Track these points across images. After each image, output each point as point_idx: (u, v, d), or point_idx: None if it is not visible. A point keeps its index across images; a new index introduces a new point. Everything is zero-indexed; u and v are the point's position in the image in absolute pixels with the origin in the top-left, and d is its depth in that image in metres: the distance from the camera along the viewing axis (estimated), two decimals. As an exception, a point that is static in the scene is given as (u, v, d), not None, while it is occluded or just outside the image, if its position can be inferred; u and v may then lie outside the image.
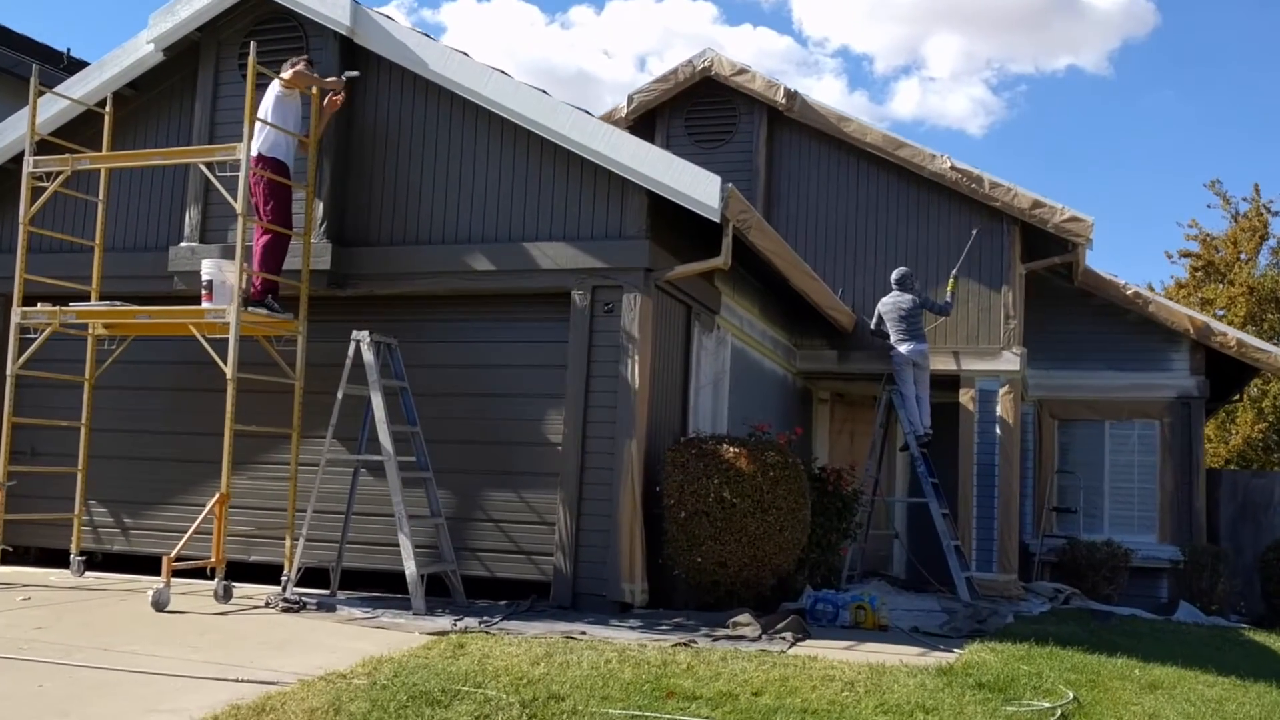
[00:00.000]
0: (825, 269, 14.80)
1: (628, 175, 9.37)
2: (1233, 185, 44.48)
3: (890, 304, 13.99)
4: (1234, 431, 27.70)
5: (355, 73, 9.92)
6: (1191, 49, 56.05)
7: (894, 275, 14.11)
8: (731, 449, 9.34)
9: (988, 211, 14.54)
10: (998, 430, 14.35)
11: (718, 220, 9.21)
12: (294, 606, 8.71)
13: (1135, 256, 53.41)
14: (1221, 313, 27.63)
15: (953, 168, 14.41)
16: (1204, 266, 30.32)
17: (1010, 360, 14.46)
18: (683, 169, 9.18)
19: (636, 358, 9.27)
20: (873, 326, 14.14)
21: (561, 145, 9.62)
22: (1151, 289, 28.05)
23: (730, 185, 9.18)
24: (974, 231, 14.11)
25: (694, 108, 15.56)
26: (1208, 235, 30.52)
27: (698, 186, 9.13)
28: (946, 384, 14.62)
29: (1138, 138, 57.50)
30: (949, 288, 13.60)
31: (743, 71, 15.21)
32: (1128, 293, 16.24)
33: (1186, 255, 30.79)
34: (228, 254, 9.86)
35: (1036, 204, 14.25)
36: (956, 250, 14.58)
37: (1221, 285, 29.18)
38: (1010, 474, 14.32)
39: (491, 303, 9.94)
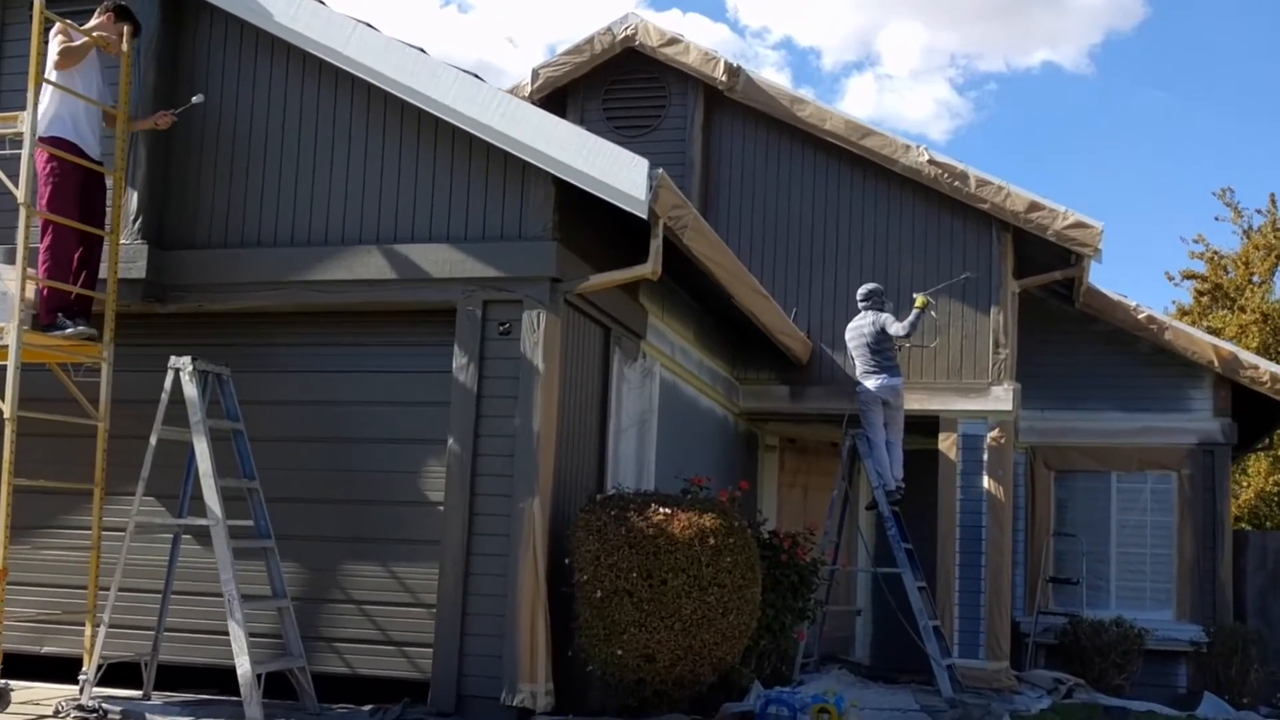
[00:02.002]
0: (776, 285, 14.73)
1: (529, 158, 9.03)
2: (1245, 195, 44.83)
3: (854, 329, 13.92)
4: (1245, 484, 27.87)
5: (200, 97, 9.66)
6: (1186, 44, 57.03)
7: (860, 293, 13.98)
8: (661, 510, 9.11)
9: (973, 215, 14.52)
10: (986, 484, 14.31)
11: (644, 216, 8.86)
12: (92, 716, 8.39)
13: (1129, 280, 53.98)
14: (1230, 344, 27.54)
15: (931, 161, 14.40)
16: (1211, 290, 30.59)
17: (1001, 398, 14.39)
18: (599, 149, 8.83)
19: (540, 393, 9.02)
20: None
21: (445, 119, 9.28)
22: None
23: (661, 171, 8.84)
24: (965, 275, 14.23)
25: (614, 86, 15.56)
26: (1216, 253, 30.89)
27: (619, 172, 8.78)
28: (923, 427, 14.56)
29: (1125, 144, 58.12)
30: (916, 305, 13.41)
31: (674, 42, 15.19)
32: (1139, 316, 16.27)
33: (1191, 276, 31.06)
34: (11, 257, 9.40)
35: (1033, 206, 14.23)
36: (935, 262, 14.63)
37: (1230, 312, 29.42)
38: (1001, 538, 14.31)
39: (354, 322, 9.71)
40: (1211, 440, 16.57)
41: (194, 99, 9.63)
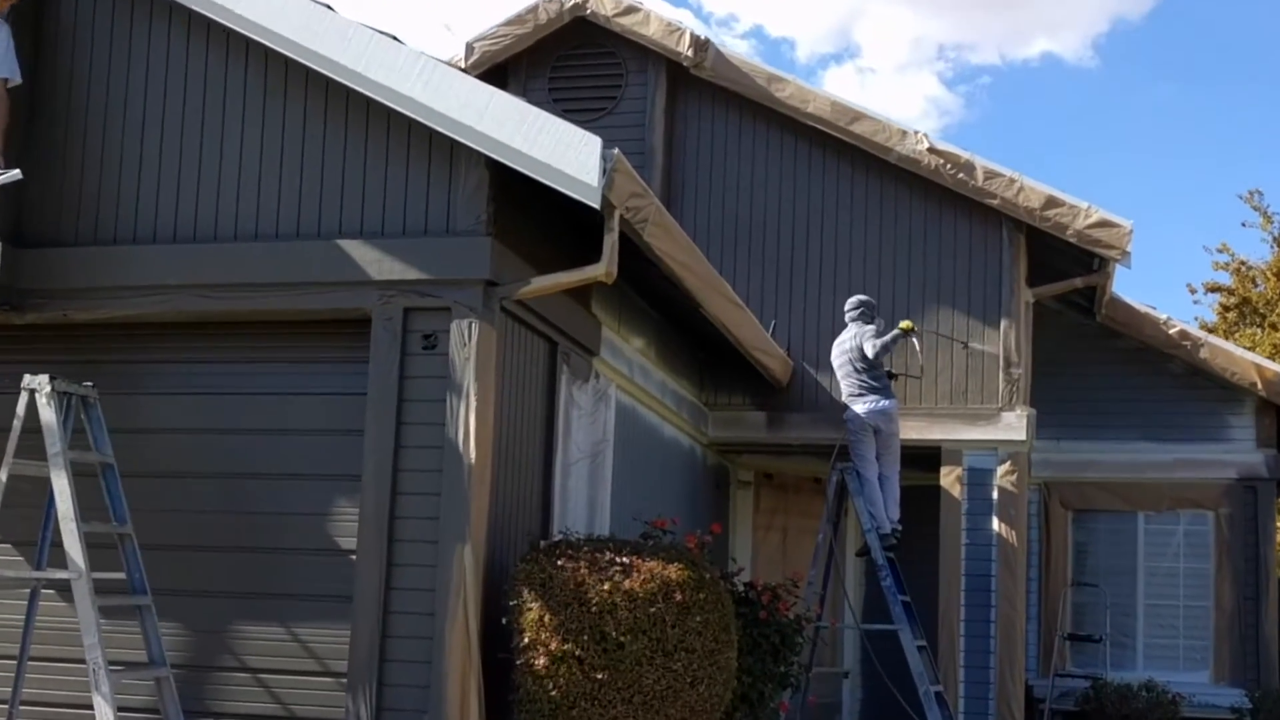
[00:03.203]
0: (751, 295, 14.70)
1: (458, 135, 8.84)
2: (1275, 198, 45.51)
3: (839, 344, 14.02)
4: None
5: (15, 174, 9.32)
6: (1202, 32, 57.29)
7: (848, 305, 14.00)
8: (618, 559, 8.99)
9: (980, 212, 14.54)
10: (995, 525, 14.26)
11: (596, 206, 8.62)
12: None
13: (1143, 295, 53.78)
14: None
15: (931, 150, 14.41)
16: (1238, 305, 31.10)
17: (1013, 425, 14.33)
18: (542, 126, 8.59)
19: (473, 419, 8.83)
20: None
21: (358, 90, 9.14)
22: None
23: (616, 152, 8.62)
24: (966, 347, 14.32)
25: (563, 63, 15.62)
26: (1243, 263, 31.39)
27: (566, 153, 8.54)
28: (922, 460, 14.49)
29: (1135, 144, 58.61)
30: (902, 327, 13.53)
31: (631, 10, 15.24)
32: (1171, 331, 16.31)
33: (1216, 289, 31.71)
34: None
35: (1051, 202, 14.22)
36: (936, 266, 14.68)
37: (1261, 329, 29.93)
38: (1013, 588, 14.28)
39: (250, 333, 9.61)
40: (1254, 475, 16.57)
41: (7, 175, 9.38)
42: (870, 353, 13.45)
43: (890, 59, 62.61)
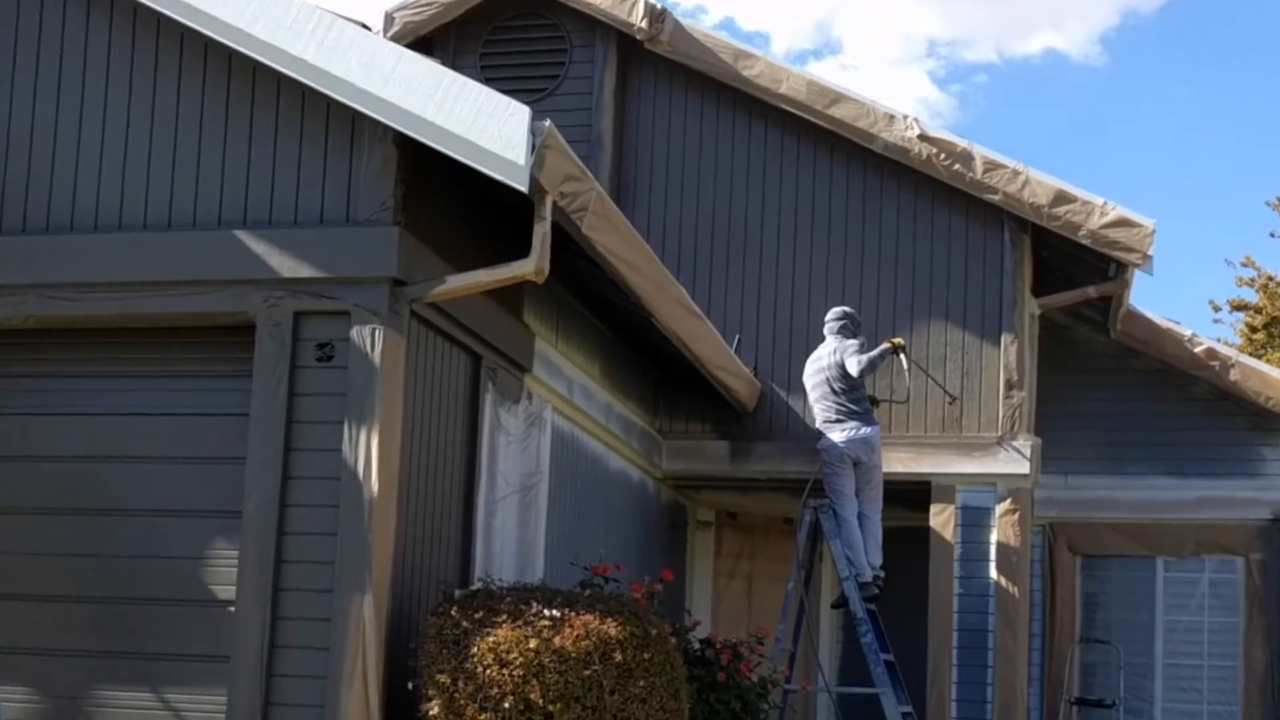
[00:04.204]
0: (713, 304, 14.65)
1: (361, 105, 8.74)
2: None
3: (814, 361, 14.01)
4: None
5: None
6: (1222, 26, 57.69)
7: (828, 317, 13.98)
8: (547, 612, 8.78)
9: (979, 209, 14.49)
10: (993, 574, 14.18)
11: (524, 188, 8.49)
12: None
13: (1158, 312, 53.98)
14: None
15: (922, 137, 14.37)
16: (1266, 325, 31.37)
17: (1014, 457, 14.25)
18: (460, 93, 8.49)
19: (376, 445, 8.70)
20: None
21: (241, 51, 9.01)
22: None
23: (548, 124, 8.53)
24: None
25: (497, 35, 15.59)
26: (1270, 278, 31.78)
27: (488, 125, 8.48)
28: (909, 497, 14.41)
29: (1147, 148, 59.31)
30: (890, 343, 13.62)
31: None
32: (1196, 350, 16.30)
33: (1241, 307, 32.14)
34: None
35: (1061, 197, 14.14)
36: (927, 272, 14.63)
37: None
38: (1013, 645, 14.19)
39: (110, 343, 9.47)
40: None
41: None
42: (854, 370, 13.43)
43: (876, 56, 63.27)
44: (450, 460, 10.02)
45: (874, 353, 13.43)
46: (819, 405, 13.74)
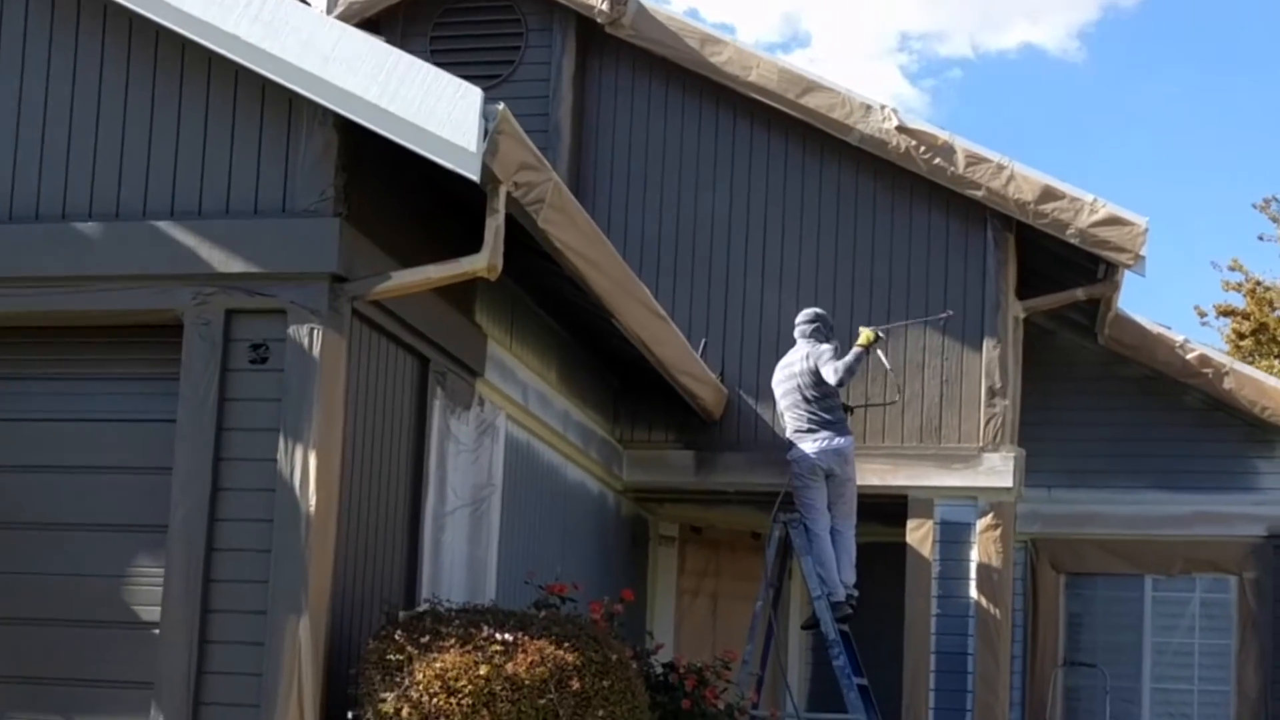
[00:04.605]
0: (678, 306, 14.60)
1: (299, 86, 8.66)
2: None
3: (784, 366, 13.99)
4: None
5: None
6: (1207, 21, 57.91)
7: (799, 319, 13.93)
8: (499, 636, 8.65)
9: (960, 205, 14.43)
10: (973, 593, 14.12)
11: (475, 177, 8.42)
12: None
13: (1144, 316, 54.39)
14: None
15: (901, 129, 14.26)
16: (1254, 331, 31.37)
17: (997, 469, 14.18)
18: (406, 73, 8.45)
19: (314, 454, 8.63)
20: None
21: (170, 28, 8.91)
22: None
23: (502, 107, 8.49)
24: (945, 314, 14.22)
25: (448, 17, 15.53)
26: (1258, 283, 31.80)
27: (436, 108, 8.41)
28: (884, 511, 14.41)
29: (1129, 148, 59.34)
30: (862, 341, 13.58)
31: None
32: (1189, 356, 16.25)
33: (1228, 313, 32.06)
34: None
35: (1048, 193, 14.05)
36: (905, 272, 14.62)
37: None
38: (993, 669, 14.13)
39: (25, 343, 9.38)
40: None
41: None
42: (832, 378, 13.42)
43: (846, 49, 63.54)
44: (395, 471, 9.95)
45: (850, 358, 13.39)
46: (790, 414, 13.73)
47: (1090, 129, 59.67)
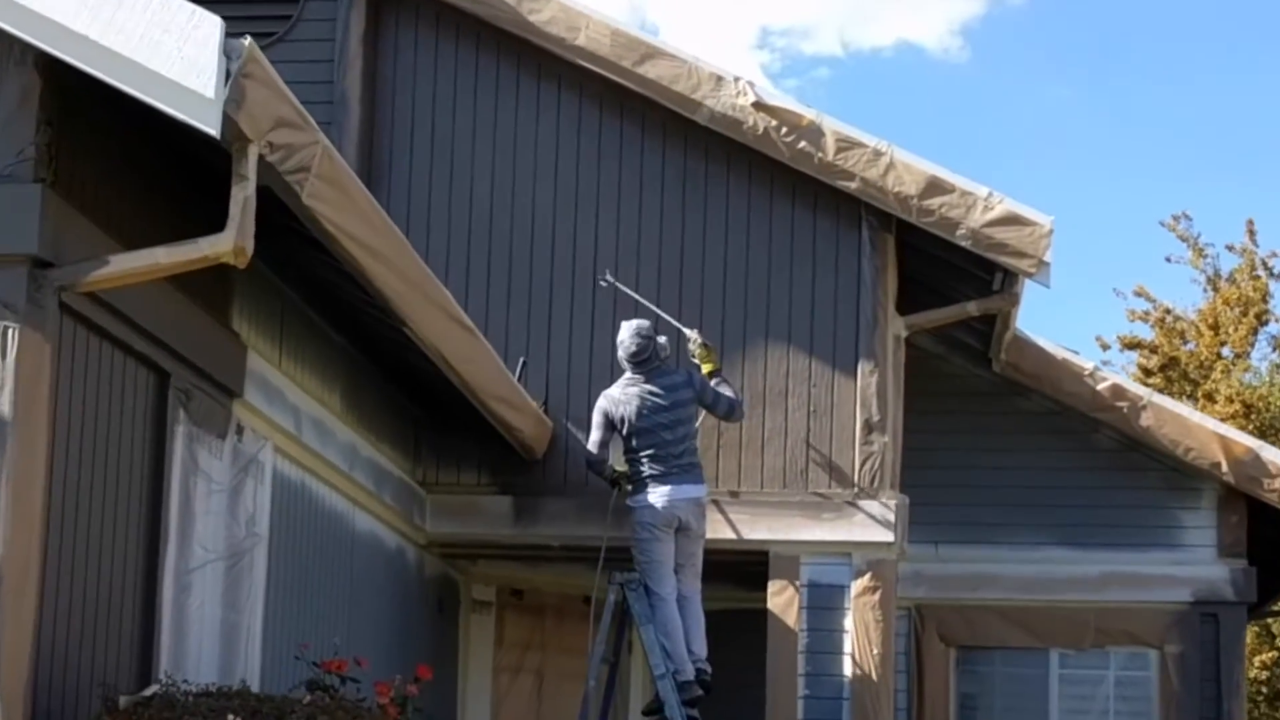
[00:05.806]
0: (492, 320, 14.50)
1: None
2: (1207, 225, 47.96)
3: (621, 399, 13.73)
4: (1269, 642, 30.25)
5: None
6: (1103, 18, 59.31)
7: (623, 337, 13.73)
8: None
9: (831, 199, 14.39)
10: (847, 669, 14.16)
11: (215, 132, 7.87)
12: None
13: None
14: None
15: (759, 105, 14.10)
16: (1163, 366, 31.82)
17: (875, 521, 14.18)
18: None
19: (7, 489, 8.05)
20: (594, 451, 13.96)
21: None
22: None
23: (249, 41, 7.99)
24: (604, 279, 14.38)
25: None
26: (1168, 311, 32.52)
27: (161, 41, 7.82)
28: (740, 571, 14.62)
29: (1019, 158, 60.90)
30: (695, 355, 13.82)
31: None
32: (1100, 387, 16.37)
33: (1134, 345, 32.59)
34: None
35: (934, 186, 13.92)
36: (765, 279, 14.55)
37: (1194, 399, 30.36)
38: None
39: None
40: (1215, 596, 16.76)
41: None
42: (739, 414, 13.68)
43: (699, 45, 64.51)
44: (124, 515, 9.41)
45: (729, 390, 13.55)
46: (656, 454, 13.53)
47: (975, 137, 61.46)
